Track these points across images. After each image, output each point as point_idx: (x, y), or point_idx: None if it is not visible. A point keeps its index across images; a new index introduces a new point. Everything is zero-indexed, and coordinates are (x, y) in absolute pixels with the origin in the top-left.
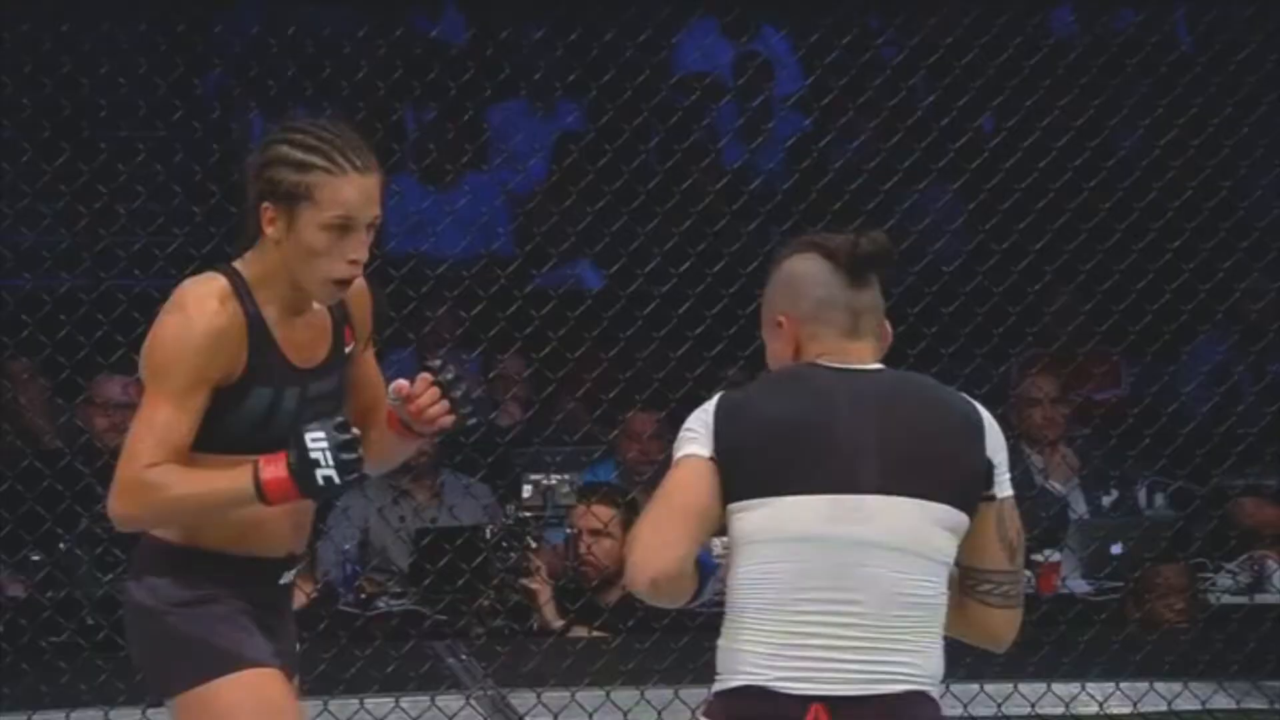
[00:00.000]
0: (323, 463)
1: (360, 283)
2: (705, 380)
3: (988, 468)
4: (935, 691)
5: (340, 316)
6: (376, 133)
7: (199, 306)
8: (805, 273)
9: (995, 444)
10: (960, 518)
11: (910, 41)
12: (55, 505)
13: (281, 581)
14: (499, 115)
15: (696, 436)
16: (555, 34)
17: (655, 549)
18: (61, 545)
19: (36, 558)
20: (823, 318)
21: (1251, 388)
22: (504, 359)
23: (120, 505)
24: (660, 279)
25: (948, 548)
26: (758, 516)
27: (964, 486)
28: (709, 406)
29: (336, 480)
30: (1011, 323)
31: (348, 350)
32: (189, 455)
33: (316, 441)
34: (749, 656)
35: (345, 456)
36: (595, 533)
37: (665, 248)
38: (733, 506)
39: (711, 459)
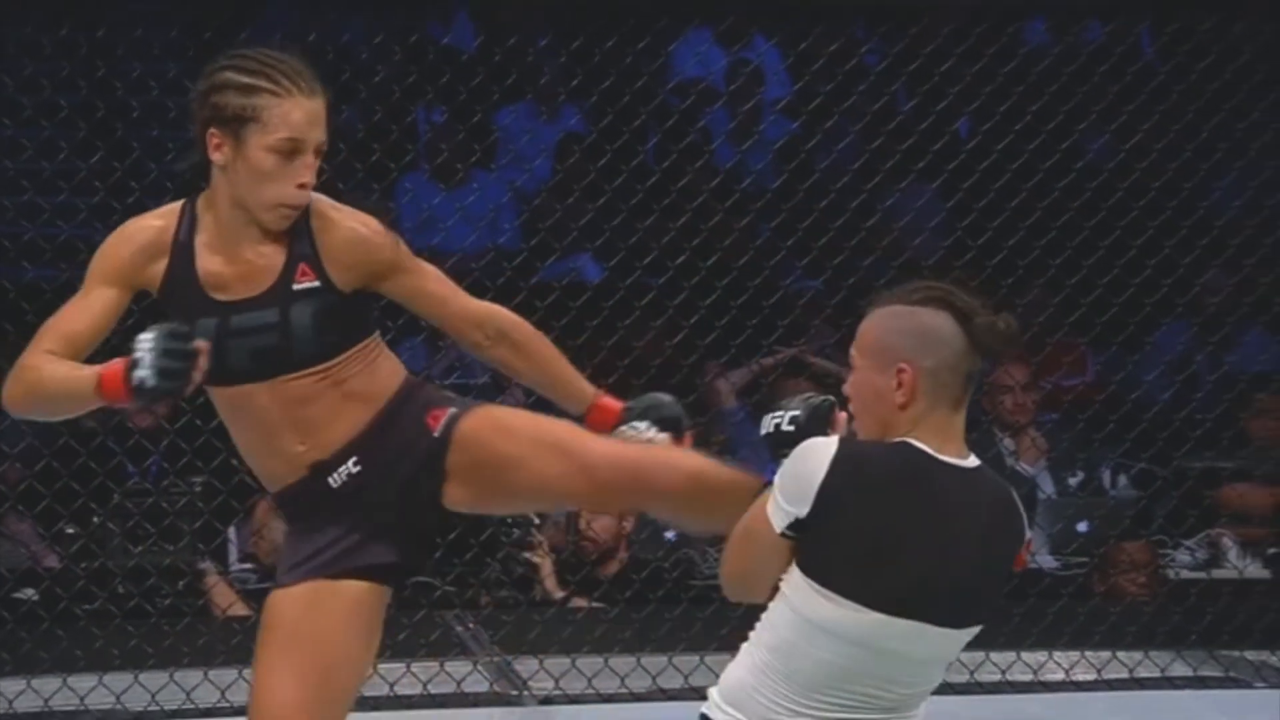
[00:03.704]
0: (141, 364)
1: (343, 222)
2: (698, 368)
3: None
4: None
5: (301, 252)
6: (391, 133)
7: (137, 217)
8: (940, 331)
9: None
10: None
11: (893, 50)
12: (89, 481)
13: (334, 486)
14: (506, 118)
15: (788, 501)
16: (560, 42)
17: (748, 588)
18: (95, 519)
19: (71, 531)
20: (942, 380)
21: (1209, 376)
22: None
23: (6, 388)
24: (657, 271)
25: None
26: (834, 610)
27: (997, 602)
28: (819, 470)
29: (149, 384)
30: None
31: (302, 286)
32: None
33: (143, 343)
34: (773, 714)
35: (168, 363)
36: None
37: (662, 242)
38: (809, 577)
39: (786, 535)
